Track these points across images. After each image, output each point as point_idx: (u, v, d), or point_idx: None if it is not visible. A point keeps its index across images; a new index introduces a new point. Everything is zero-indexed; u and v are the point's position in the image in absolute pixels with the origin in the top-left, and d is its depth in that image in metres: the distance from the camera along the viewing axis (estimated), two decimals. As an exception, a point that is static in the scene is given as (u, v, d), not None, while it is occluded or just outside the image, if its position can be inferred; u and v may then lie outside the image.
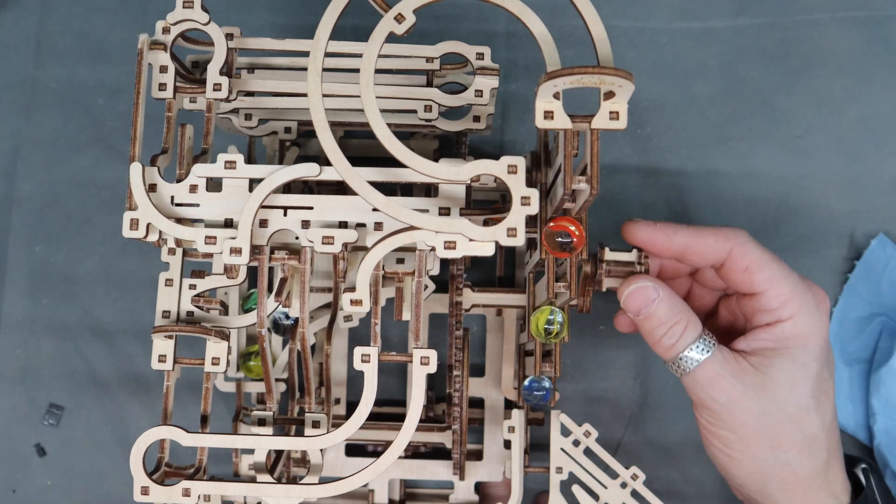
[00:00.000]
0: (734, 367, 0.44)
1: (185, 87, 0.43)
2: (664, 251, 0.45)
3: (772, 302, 0.44)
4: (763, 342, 0.44)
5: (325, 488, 0.41)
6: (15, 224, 0.61)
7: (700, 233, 0.45)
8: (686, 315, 0.44)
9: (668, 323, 0.44)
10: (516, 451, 0.50)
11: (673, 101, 0.61)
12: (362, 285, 0.40)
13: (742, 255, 0.44)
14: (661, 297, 0.44)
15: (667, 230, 0.45)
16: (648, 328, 0.45)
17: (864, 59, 0.61)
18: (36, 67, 0.62)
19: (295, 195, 0.41)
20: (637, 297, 0.44)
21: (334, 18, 0.38)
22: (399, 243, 0.40)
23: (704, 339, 0.44)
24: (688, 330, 0.44)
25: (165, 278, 0.45)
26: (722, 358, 0.44)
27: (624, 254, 0.45)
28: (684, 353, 0.44)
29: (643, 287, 0.44)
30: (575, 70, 0.35)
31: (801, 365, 0.43)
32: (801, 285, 0.44)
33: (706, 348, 0.44)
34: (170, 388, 0.44)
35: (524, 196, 0.38)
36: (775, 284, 0.44)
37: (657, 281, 0.45)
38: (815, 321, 0.44)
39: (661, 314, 0.44)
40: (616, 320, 0.51)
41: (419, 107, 0.47)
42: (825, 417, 0.44)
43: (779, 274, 0.44)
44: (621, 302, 0.45)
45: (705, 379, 0.44)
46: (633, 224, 0.46)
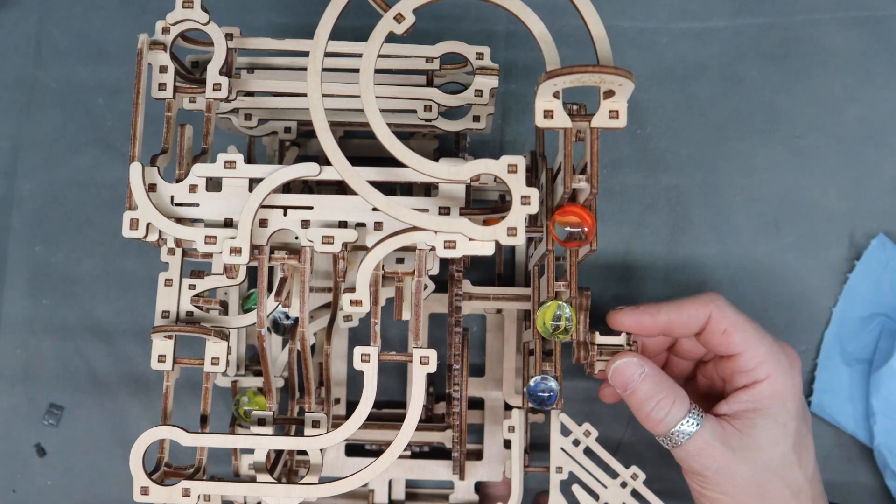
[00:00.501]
0: (721, 434, 0.45)
1: (184, 87, 0.43)
2: (651, 330, 0.48)
3: (748, 363, 0.46)
4: (744, 404, 0.46)
5: (325, 488, 0.41)
6: (15, 224, 0.61)
7: (681, 305, 0.47)
8: (673, 390, 0.46)
9: (656, 398, 0.46)
10: (516, 451, 0.50)
11: (673, 101, 0.61)
12: (362, 286, 0.40)
13: (720, 318, 0.47)
14: (646, 373, 0.46)
15: (650, 311, 0.47)
16: (636, 403, 0.46)
17: (864, 59, 0.61)
18: (36, 67, 0.62)
19: (295, 195, 0.41)
20: (622, 373, 0.46)
21: (334, 18, 0.38)
22: (399, 244, 0.40)
23: (693, 412, 0.46)
24: (676, 405, 0.46)
25: (165, 278, 0.45)
26: (710, 428, 0.45)
27: (614, 338, 0.47)
28: (676, 427, 0.45)
29: (628, 363, 0.46)
30: (575, 69, 0.35)
31: (781, 423, 0.46)
32: (774, 346, 0.47)
33: (695, 421, 0.45)
34: (169, 388, 0.44)
35: (524, 195, 0.38)
36: (751, 346, 0.46)
37: (642, 357, 0.46)
38: (789, 380, 0.46)
39: (646, 389, 0.46)
40: (601, 392, 0.53)
41: (419, 107, 0.47)
42: (807, 470, 0.47)
43: (754, 336, 0.47)
44: (609, 378, 0.47)
45: (696, 450, 0.45)
46: (618, 312, 0.48)
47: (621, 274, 0.60)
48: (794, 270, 0.60)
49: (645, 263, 0.60)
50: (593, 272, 0.60)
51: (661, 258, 0.60)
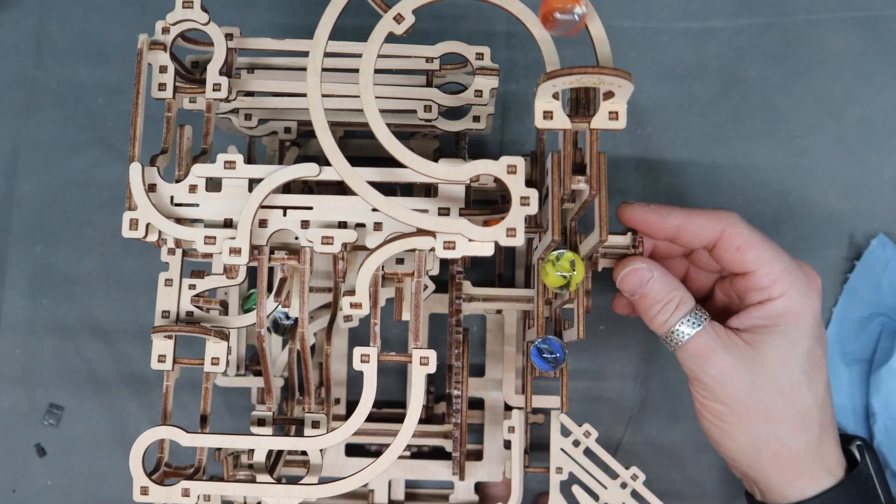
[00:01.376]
0: (725, 341, 0.45)
1: (184, 87, 0.43)
2: (658, 232, 0.47)
3: (762, 280, 0.45)
4: (755, 320, 0.45)
5: (325, 488, 0.41)
6: (15, 224, 0.61)
7: (692, 214, 0.46)
8: (679, 292, 0.45)
9: (663, 301, 0.45)
10: (516, 451, 0.50)
11: (673, 101, 0.61)
12: (362, 289, 0.40)
13: (733, 235, 0.45)
14: (654, 277, 0.45)
15: (660, 211, 0.46)
16: (644, 306, 0.46)
17: (864, 59, 0.61)
18: (36, 67, 0.62)
19: (294, 195, 0.41)
20: (632, 278, 0.46)
21: (334, 18, 0.38)
22: (398, 250, 0.40)
23: (696, 313, 0.45)
24: (680, 305, 0.45)
25: (165, 278, 0.45)
26: (713, 332, 0.45)
27: (619, 237, 0.46)
28: (676, 326, 0.45)
29: (637, 268, 0.45)
30: (574, 70, 0.35)
31: (793, 341, 0.45)
32: (791, 264, 0.46)
33: (697, 322, 0.45)
34: (169, 388, 0.44)
35: (523, 196, 0.38)
36: (766, 263, 0.45)
37: (650, 261, 0.46)
38: (805, 299, 0.45)
39: (655, 293, 0.45)
40: (614, 303, 0.52)
41: (419, 107, 0.47)
42: (817, 393, 0.45)
43: (770, 253, 0.45)
44: (617, 283, 0.46)
45: (697, 351, 0.45)
46: (627, 206, 0.47)
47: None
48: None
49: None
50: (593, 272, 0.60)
51: (661, 258, 0.60)
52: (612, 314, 0.56)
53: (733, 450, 0.46)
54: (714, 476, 0.59)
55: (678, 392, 0.59)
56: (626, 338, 0.59)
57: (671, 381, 0.59)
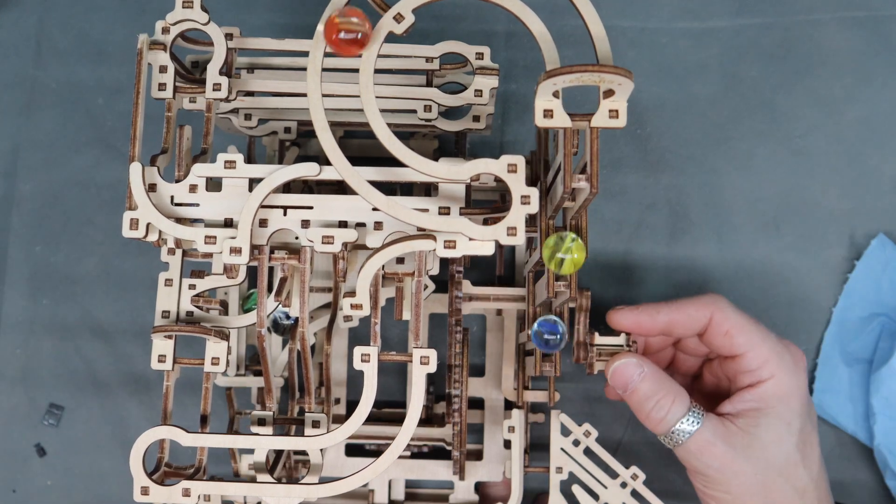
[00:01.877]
0: (723, 433, 0.45)
1: (184, 87, 0.43)
2: (650, 330, 0.48)
3: (752, 363, 0.46)
4: (748, 403, 0.46)
5: (325, 488, 0.41)
6: (15, 224, 0.61)
7: (681, 306, 0.48)
8: (673, 390, 0.46)
9: (655, 397, 0.46)
10: (516, 451, 0.50)
11: (673, 101, 0.61)
12: (362, 290, 0.40)
13: (722, 320, 0.47)
14: (645, 373, 0.46)
15: (649, 311, 0.47)
16: (636, 403, 0.46)
17: (864, 59, 0.61)
18: (36, 67, 0.62)
19: (295, 195, 0.41)
20: (622, 374, 0.46)
21: (334, 18, 0.38)
22: (398, 252, 0.40)
23: (693, 411, 0.46)
24: (675, 404, 0.46)
25: (165, 278, 0.44)
26: (712, 427, 0.45)
27: (613, 338, 0.47)
28: (676, 426, 0.45)
29: (627, 363, 0.46)
30: (575, 68, 0.35)
31: (786, 422, 0.46)
32: (778, 346, 0.47)
33: (696, 420, 0.45)
34: (169, 388, 0.44)
35: (524, 195, 0.38)
36: (755, 346, 0.46)
37: (641, 358, 0.46)
38: (794, 379, 0.46)
39: (646, 389, 0.46)
40: (606, 390, 0.53)
41: (419, 107, 0.47)
42: (812, 469, 0.46)
43: (757, 336, 0.47)
44: (608, 378, 0.47)
45: (698, 449, 0.45)
46: (617, 312, 0.48)
47: (621, 274, 0.60)
48: (794, 270, 0.60)
49: (645, 263, 0.60)
50: (593, 272, 0.60)
51: (661, 258, 0.60)
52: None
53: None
54: (714, 476, 0.58)
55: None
56: (627, 338, 0.59)
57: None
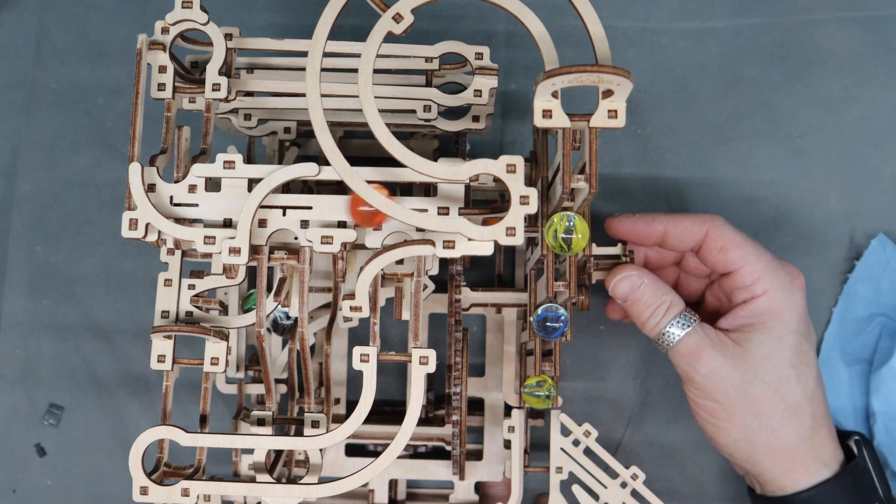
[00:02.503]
0: (715, 340, 0.47)
1: (184, 88, 0.43)
2: (646, 239, 0.49)
3: (746, 279, 0.47)
4: (741, 319, 0.47)
5: (325, 488, 0.41)
6: (15, 224, 0.61)
7: (678, 218, 0.49)
8: (669, 296, 0.47)
9: (653, 305, 0.47)
10: (516, 451, 0.50)
11: (673, 101, 0.61)
12: (362, 293, 0.40)
13: (717, 235, 0.48)
14: (644, 283, 0.47)
15: (645, 219, 0.49)
16: (636, 311, 0.48)
17: (864, 59, 0.61)
18: (36, 67, 0.62)
19: (294, 195, 0.41)
20: (623, 285, 0.47)
21: (333, 18, 0.38)
22: (398, 257, 0.40)
23: (685, 315, 0.47)
24: (670, 308, 0.47)
25: (164, 278, 0.45)
26: (703, 332, 0.47)
27: (610, 248, 0.48)
28: (667, 328, 0.47)
29: (628, 275, 0.47)
30: (574, 68, 0.35)
31: (778, 337, 0.46)
32: (773, 263, 0.48)
33: (687, 324, 0.47)
34: (169, 388, 0.44)
35: (523, 195, 0.38)
36: (749, 262, 0.47)
37: (641, 268, 0.48)
38: (788, 295, 0.47)
39: (646, 298, 0.47)
40: (607, 308, 0.54)
41: (418, 107, 0.47)
42: (807, 385, 0.47)
43: (752, 252, 0.48)
44: (609, 290, 0.48)
45: (687, 351, 0.47)
46: (614, 219, 0.50)
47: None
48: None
49: (645, 263, 0.60)
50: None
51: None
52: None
53: (728, 445, 0.48)
54: (714, 476, 0.58)
55: (678, 392, 0.59)
56: (626, 338, 0.59)
57: (671, 381, 0.59)
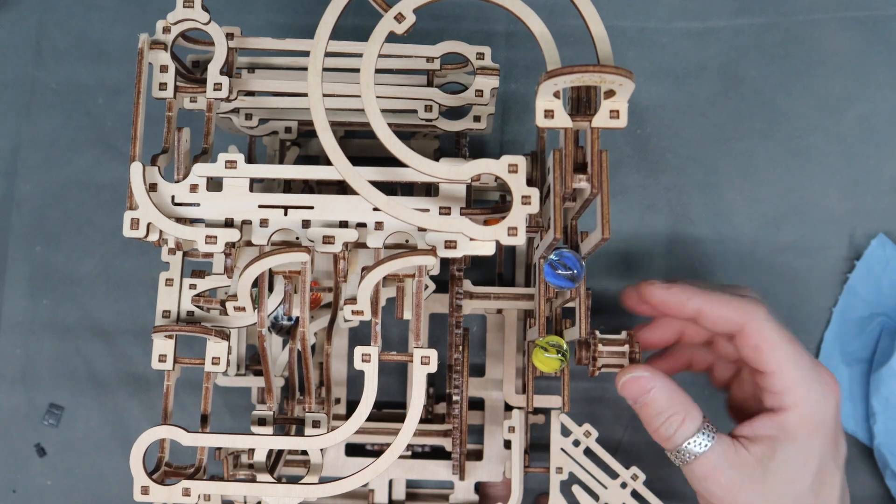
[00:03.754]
0: (733, 459, 0.43)
1: (185, 87, 0.43)
2: (676, 314, 0.46)
3: (776, 385, 0.43)
4: (766, 430, 0.44)
5: (325, 488, 0.41)
6: (15, 224, 0.61)
7: (715, 302, 0.45)
8: (685, 406, 0.44)
9: (666, 413, 0.44)
10: (516, 451, 0.50)
11: (673, 101, 0.61)
12: (363, 299, 0.40)
13: (754, 331, 0.44)
14: (656, 387, 0.44)
15: (680, 295, 0.45)
16: (646, 417, 0.45)
17: (864, 59, 0.61)
18: (36, 67, 0.62)
19: (295, 195, 0.41)
20: (632, 387, 0.44)
21: (334, 18, 0.38)
22: (399, 267, 0.39)
23: (704, 431, 0.44)
24: (686, 422, 0.44)
25: (166, 278, 0.44)
26: (721, 451, 0.43)
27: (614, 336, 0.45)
28: (683, 445, 0.44)
29: (638, 377, 0.44)
30: (576, 68, 0.35)
31: (802, 457, 0.43)
32: (810, 372, 0.44)
33: (705, 441, 0.43)
34: (170, 387, 0.44)
35: (524, 195, 0.38)
36: (782, 368, 0.43)
37: (653, 370, 0.44)
38: (819, 411, 0.43)
39: (658, 404, 0.44)
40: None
41: (419, 107, 0.47)
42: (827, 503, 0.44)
43: (788, 357, 0.43)
44: (619, 390, 0.45)
45: (703, 473, 0.43)
46: (643, 285, 0.46)
47: (621, 274, 0.60)
48: (794, 270, 0.60)
49: (644, 263, 0.60)
50: (593, 272, 0.60)
51: (661, 258, 0.60)
52: (612, 314, 0.56)
53: None
54: (714, 476, 0.58)
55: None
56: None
57: (671, 380, 0.59)
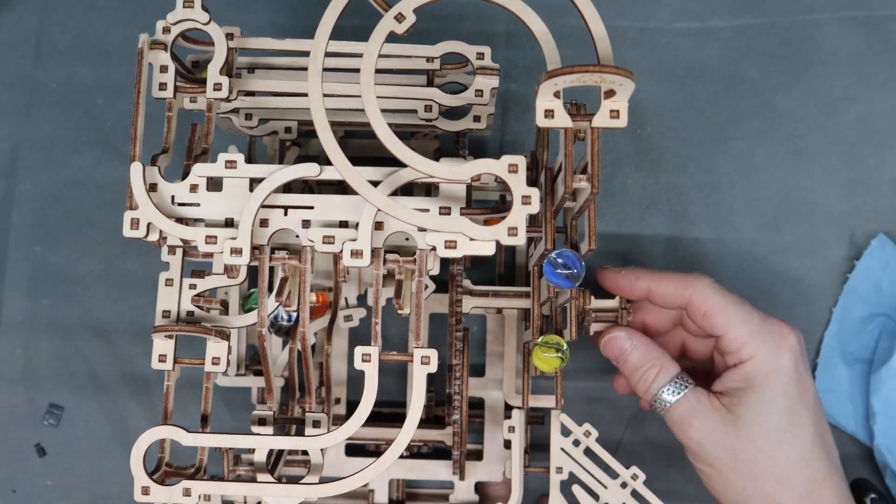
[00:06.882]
0: (706, 406, 0.46)
1: (185, 87, 0.43)
2: (630, 295, 0.49)
3: (731, 344, 0.47)
4: (732, 382, 0.47)
5: (325, 488, 0.41)
6: (15, 224, 0.61)
7: (661, 279, 0.48)
8: (660, 360, 0.48)
9: (643, 367, 0.47)
10: (516, 451, 0.50)
11: (673, 101, 0.61)
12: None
13: (700, 301, 0.47)
14: (634, 345, 0.48)
15: (629, 277, 0.48)
16: (627, 373, 0.48)
17: (864, 59, 0.61)
18: (36, 67, 0.62)
19: (295, 195, 0.41)
20: (612, 346, 0.48)
21: (334, 18, 0.38)
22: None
23: (677, 381, 0.47)
24: (661, 374, 0.47)
25: (166, 278, 0.44)
26: (694, 398, 0.47)
27: (608, 301, 0.49)
28: (658, 395, 0.47)
29: (616, 337, 0.48)
30: (576, 68, 0.35)
31: (766, 401, 0.46)
32: (760, 326, 0.47)
33: (678, 390, 0.47)
34: (170, 387, 0.44)
35: (525, 195, 0.38)
36: (733, 327, 0.46)
37: (631, 330, 0.48)
38: (775, 359, 0.46)
39: (635, 360, 0.48)
40: (614, 383, 0.54)
41: (419, 107, 0.47)
42: (801, 448, 0.46)
43: (736, 317, 0.46)
44: (602, 350, 0.49)
45: (679, 418, 0.47)
46: (600, 271, 0.50)
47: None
48: (794, 270, 0.60)
49: (645, 263, 0.60)
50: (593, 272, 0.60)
51: (661, 258, 0.60)
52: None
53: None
54: (714, 476, 0.58)
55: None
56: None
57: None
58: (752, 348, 0.46)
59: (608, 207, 0.60)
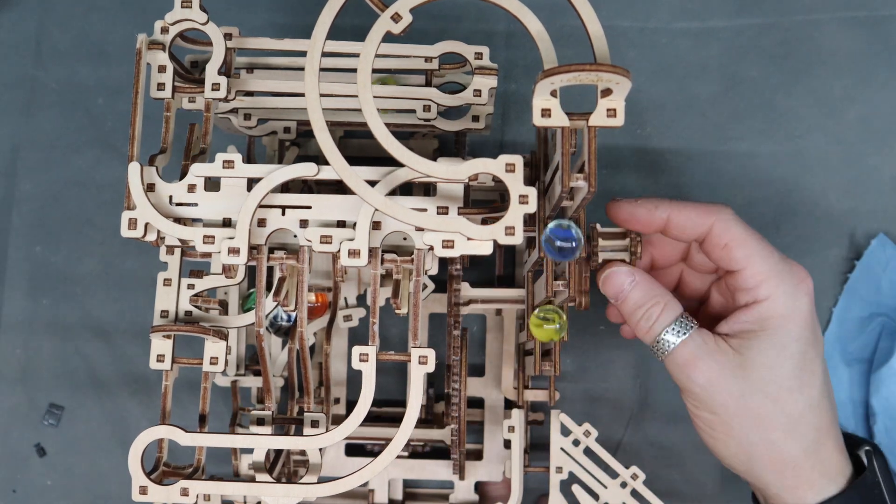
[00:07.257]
0: (713, 348, 0.44)
1: (183, 87, 0.43)
2: (647, 227, 0.46)
3: (748, 281, 0.44)
4: (743, 324, 0.44)
5: (324, 487, 0.41)
6: (15, 224, 0.61)
7: (682, 207, 0.45)
8: (663, 298, 0.45)
9: (645, 305, 0.45)
10: (516, 451, 0.50)
11: (673, 101, 0.61)
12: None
13: (722, 231, 0.44)
14: (635, 282, 0.45)
15: (647, 205, 0.45)
16: (627, 311, 0.45)
17: (864, 59, 0.61)
18: (36, 67, 0.62)
19: (293, 195, 0.41)
20: (612, 282, 0.45)
21: (331, 18, 0.38)
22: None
23: (682, 321, 0.44)
24: (664, 312, 0.44)
25: (164, 278, 0.45)
26: (700, 340, 0.44)
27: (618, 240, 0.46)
28: (661, 335, 0.44)
29: (616, 272, 0.45)
30: (572, 67, 0.35)
31: (781, 345, 0.43)
32: (781, 265, 0.44)
33: (683, 330, 0.44)
34: (168, 387, 0.44)
35: (522, 194, 0.38)
36: (753, 263, 0.44)
37: (632, 267, 0.45)
38: (793, 301, 0.44)
39: (636, 298, 0.45)
40: (608, 311, 0.52)
41: (418, 106, 0.47)
42: (811, 396, 0.44)
43: (757, 252, 0.44)
44: (600, 287, 0.46)
45: (683, 361, 0.44)
46: (615, 203, 0.46)
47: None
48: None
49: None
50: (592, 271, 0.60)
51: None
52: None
53: (728, 457, 0.45)
54: (714, 476, 0.58)
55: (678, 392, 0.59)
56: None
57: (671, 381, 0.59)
58: (770, 287, 0.43)
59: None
